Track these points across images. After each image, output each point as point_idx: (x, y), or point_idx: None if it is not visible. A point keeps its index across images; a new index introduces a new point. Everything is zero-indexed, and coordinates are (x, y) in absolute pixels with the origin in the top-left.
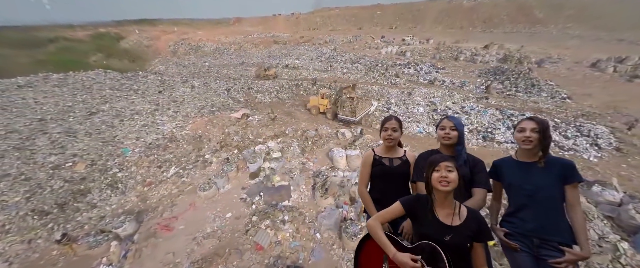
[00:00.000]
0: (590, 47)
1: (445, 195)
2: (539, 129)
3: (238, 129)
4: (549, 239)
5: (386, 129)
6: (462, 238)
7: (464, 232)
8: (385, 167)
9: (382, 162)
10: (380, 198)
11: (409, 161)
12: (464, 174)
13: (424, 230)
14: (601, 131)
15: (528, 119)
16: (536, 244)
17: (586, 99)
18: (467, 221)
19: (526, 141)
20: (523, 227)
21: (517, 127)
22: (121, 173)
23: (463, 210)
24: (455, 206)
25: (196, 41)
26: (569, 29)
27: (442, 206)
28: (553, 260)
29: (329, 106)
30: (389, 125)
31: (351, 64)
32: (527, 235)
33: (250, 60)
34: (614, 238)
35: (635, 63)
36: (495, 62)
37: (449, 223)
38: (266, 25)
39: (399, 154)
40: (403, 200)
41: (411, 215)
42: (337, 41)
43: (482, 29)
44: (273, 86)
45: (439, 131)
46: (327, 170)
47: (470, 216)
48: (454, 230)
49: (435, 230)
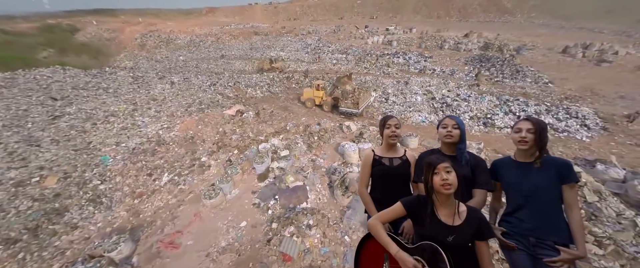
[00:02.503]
0: (557, 34)
1: (447, 196)
2: (534, 130)
3: (234, 127)
4: (545, 238)
5: (389, 127)
6: (463, 237)
7: (466, 232)
8: (385, 167)
9: (382, 162)
10: (381, 198)
11: (409, 161)
12: (465, 174)
13: (426, 231)
14: (586, 113)
15: (524, 119)
16: (533, 243)
17: (565, 83)
18: (468, 221)
19: (522, 142)
20: (520, 227)
21: (514, 127)
22: (104, 186)
23: (463, 209)
24: (455, 205)
25: (167, 33)
26: (534, 18)
27: (443, 207)
28: (549, 259)
29: (325, 98)
30: (392, 122)
31: (340, 55)
32: (524, 235)
33: (231, 52)
34: (630, 214)
35: (599, 48)
36: (477, 51)
37: (450, 223)
38: (243, 15)
39: (399, 154)
40: (404, 200)
41: (412, 215)
42: (320, 31)
43: (458, 18)
44: (263, 80)
45: (441, 129)
46: (340, 166)
47: (471, 215)
48: (456, 230)
49: (437, 231)
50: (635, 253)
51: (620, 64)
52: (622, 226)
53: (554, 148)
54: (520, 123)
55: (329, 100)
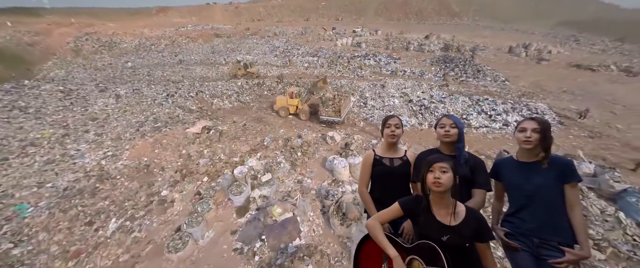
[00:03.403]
0: (500, 36)
1: (441, 195)
2: (539, 129)
3: (201, 148)
4: (548, 239)
5: (389, 126)
6: (460, 237)
7: (463, 232)
8: (385, 167)
9: (383, 162)
10: (381, 198)
11: (410, 161)
12: (464, 174)
13: (423, 230)
14: (543, 108)
15: (529, 119)
16: (536, 244)
17: (518, 81)
18: (466, 221)
19: (527, 141)
20: (523, 227)
21: (518, 127)
22: (19, 249)
23: (461, 209)
24: (453, 205)
25: (108, 35)
26: (478, 21)
27: (440, 206)
28: (553, 260)
29: (301, 106)
30: (392, 122)
31: (311, 58)
32: (527, 235)
33: (190, 57)
34: (611, 210)
35: (536, 48)
36: (439, 51)
37: (447, 223)
38: (200, 15)
39: (400, 154)
40: (401, 201)
41: (410, 215)
42: (287, 33)
43: (416, 21)
44: (231, 88)
45: (439, 129)
46: (330, 186)
47: (470, 216)
48: (452, 230)
49: (434, 230)
50: (628, 251)
51: (556, 62)
52: (611, 225)
53: None
54: (524, 123)
55: (306, 108)
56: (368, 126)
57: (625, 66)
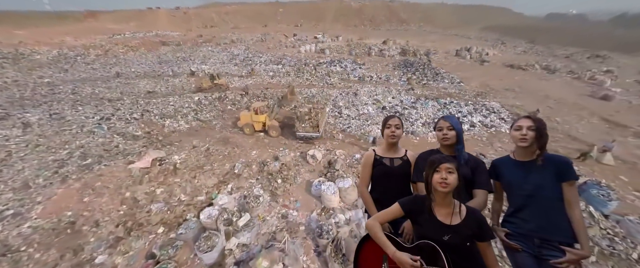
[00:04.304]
0: (444, 40)
1: (444, 195)
2: (535, 127)
3: (153, 187)
4: (549, 239)
5: (389, 126)
6: (461, 237)
7: (464, 232)
8: (386, 167)
9: (383, 162)
10: (381, 198)
11: (410, 161)
12: (465, 174)
13: (423, 230)
14: (497, 107)
15: (525, 117)
16: (537, 244)
17: (470, 82)
18: (466, 221)
19: (523, 139)
20: (524, 227)
21: (514, 125)
22: None
23: (462, 209)
24: (454, 205)
25: (14, 45)
26: (423, 27)
27: (441, 206)
28: (555, 260)
29: (270, 122)
30: (392, 122)
31: (275, 66)
32: (527, 235)
33: (131, 69)
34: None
35: (477, 51)
36: (398, 56)
37: (448, 222)
38: (141, 21)
39: (400, 154)
40: (402, 201)
41: (410, 215)
42: (246, 40)
43: (371, 27)
44: (186, 104)
45: (437, 132)
46: (320, 217)
47: (470, 216)
48: (453, 230)
49: (434, 230)
50: (608, 247)
51: (494, 63)
52: (588, 222)
53: (495, 144)
54: (520, 121)
55: (275, 123)
56: (347, 137)
57: (545, 64)
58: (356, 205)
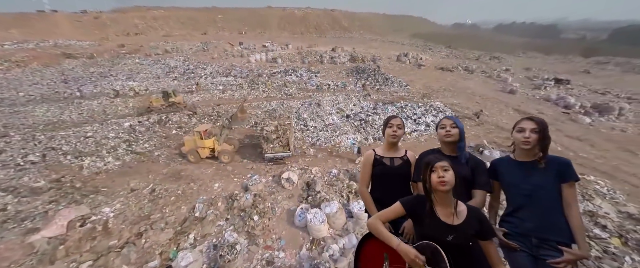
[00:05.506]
0: (385, 46)
1: (444, 195)
2: (538, 129)
3: (75, 263)
4: (547, 239)
5: (391, 126)
6: (464, 237)
7: (466, 231)
8: (386, 167)
9: (383, 162)
10: (381, 198)
11: (410, 160)
12: (465, 174)
13: (426, 231)
14: (441, 106)
15: (527, 119)
16: (535, 244)
17: (414, 85)
18: (468, 220)
19: (525, 142)
20: (522, 227)
21: (516, 127)
22: None
23: (462, 208)
24: (454, 205)
25: None
26: (364, 34)
27: (443, 206)
28: (552, 260)
29: (219, 147)
30: (394, 122)
31: (224, 78)
32: (525, 235)
33: (19, 93)
34: None
35: (413, 56)
36: (348, 63)
37: (450, 222)
38: (29, 28)
39: (400, 154)
40: (403, 200)
41: (412, 215)
42: (184, 49)
43: (317, 34)
44: (113, 133)
45: (440, 130)
46: (312, 252)
47: (471, 215)
48: (456, 229)
49: (437, 230)
50: None
51: (428, 67)
52: None
53: None
54: (523, 123)
55: (227, 147)
56: (319, 152)
57: (464, 66)
58: (347, 229)
